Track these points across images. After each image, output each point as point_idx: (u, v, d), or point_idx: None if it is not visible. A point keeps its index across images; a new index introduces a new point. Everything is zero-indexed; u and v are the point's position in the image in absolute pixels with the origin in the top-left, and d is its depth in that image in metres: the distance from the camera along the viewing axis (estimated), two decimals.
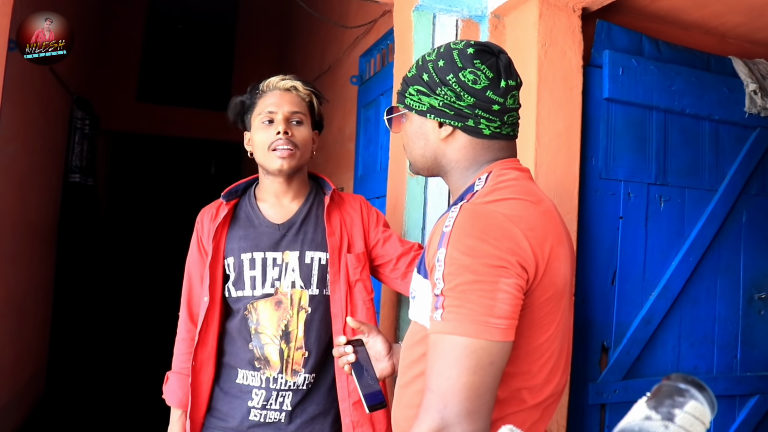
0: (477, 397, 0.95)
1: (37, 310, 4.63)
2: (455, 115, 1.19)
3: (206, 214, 1.89)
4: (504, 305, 0.99)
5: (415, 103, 1.24)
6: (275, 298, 1.78)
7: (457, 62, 1.19)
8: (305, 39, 5.70)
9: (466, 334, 0.97)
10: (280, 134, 1.74)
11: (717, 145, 2.58)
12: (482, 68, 1.17)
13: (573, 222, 2.22)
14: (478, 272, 0.99)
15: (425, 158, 1.27)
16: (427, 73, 1.21)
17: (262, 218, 1.83)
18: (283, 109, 1.78)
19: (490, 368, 0.97)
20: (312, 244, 1.82)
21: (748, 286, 2.62)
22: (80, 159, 5.27)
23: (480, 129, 1.19)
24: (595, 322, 2.33)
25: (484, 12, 2.38)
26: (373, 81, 3.40)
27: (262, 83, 1.85)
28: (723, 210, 2.55)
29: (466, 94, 1.17)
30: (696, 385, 0.57)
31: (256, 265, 1.79)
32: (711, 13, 2.54)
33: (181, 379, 1.84)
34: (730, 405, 2.58)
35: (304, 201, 1.87)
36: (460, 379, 0.95)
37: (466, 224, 1.04)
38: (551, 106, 2.19)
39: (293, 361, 1.77)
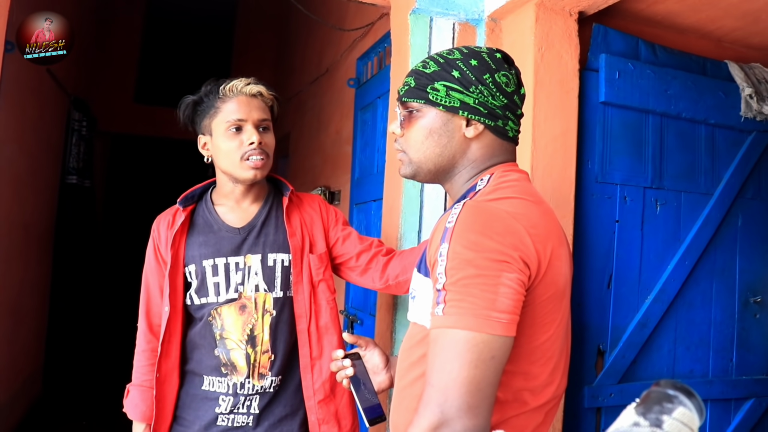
0: (478, 391, 0.95)
1: (34, 312, 4.63)
2: (488, 115, 1.19)
3: (162, 222, 1.85)
4: (506, 299, 0.98)
5: (443, 99, 1.20)
6: (239, 302, 1.77)
7: (490, 64, 1.20)
8: (303, 41, 5.71)
9: (467, 327, 0.96)
10: (254, 144, 1.70)
11: (713, 148, 2.59)
12: (511, 73, 1.21)
13: (569, 225, 2.22)
14: (481, 266, 0.99)
15: (442, 157, 1.23)
16: (458, 70, 1.19)
17: (221, 223, 1.80)
18: (252, 117, 1.73)
19: (492, 363, 0.96)
20: (274, 246, 1.80)
21: (744, 289, 2.63)
22: (77, 160, 5.26)
23: (506, 130, 1.22)
24: (591, 326, 2.33)
25: (480, 15, 2.38)
26: (370, 84, 3.40)
27: (224, 86, 1.75)
28: (719, 214, 2.56)
29: (500, 94, 1.18)
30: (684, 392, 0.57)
31: (218, 271, 1.76)
32: (707, 17, 2.55)
33: (143, 391, 1.82)
34: (725, 408, 2.59)
35: (263, 203, 1.85)
36: (461, 372, 0.94)
37: (469, 220, 1.04)
38: (548, 109, 2.20)
39: (260, 365, 1.76)
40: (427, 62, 1.25)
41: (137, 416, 1.81)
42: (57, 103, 4.82)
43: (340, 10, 4.14)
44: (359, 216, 3.45)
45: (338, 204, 3.95)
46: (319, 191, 4.14)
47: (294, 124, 5.67)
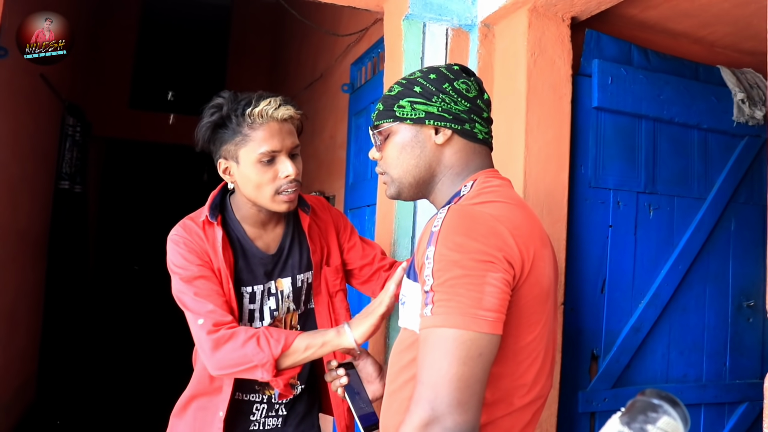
0: (467, 387, 0.97)
1: (28, 318, 4.61)
2: (453, 119, 1.25)
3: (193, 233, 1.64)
4: (492, 298, 1.01)
5: (408, 113, 1.26)
6: (272, 326, 1.74)
7: (448, 74, 1.28)
8: (297, 47, 5.71)
9: (455, 325, 0.99)
10: (290, 177, 1.58)
11: (705, 153, 2.59)
12: (471, 80, 1.29)
13: (562, 230, 2.22)
14: (466, 267, 1.02)
15: (419, 168, 1.28)
16: (419, 85, 1.27)
17: (255, 249, 1.71)
18: (285, 145, 1.58)
19: (480, 360, 0.99)
20: (300, 266, 1.77)
21: (737, 293, 2.63)
22: (70, 166, 5.25)
23: (475, 133, 1.27)
24: (585, 331, 2.33)
25: (474, 21, 2.39)
26: (364, 89, 3.40)
27: (251, 109, 1.57)
28: (712, 218, 2.57)
29: (461, 99, 1.26)
30: (669, 401, 0.58)
31: (255, 299, 1.72)
32: (699, 23, 2.56)
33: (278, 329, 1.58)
34: (719, 412, 2.59)
35: (286, 225, 1.78)
36: (450, 370, 0.97)
37: (454, 223, 1.07)
38: (540, 115, 2.20)
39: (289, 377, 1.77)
40: (392, 87, 1.32)
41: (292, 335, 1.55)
42: (51, 109, 4.81)
43: (334, 15, 4.14)
44: (353, 221, 3.45)
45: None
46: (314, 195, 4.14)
47: None
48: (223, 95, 1.64)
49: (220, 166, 1.67)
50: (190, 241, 1.62)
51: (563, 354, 2.25)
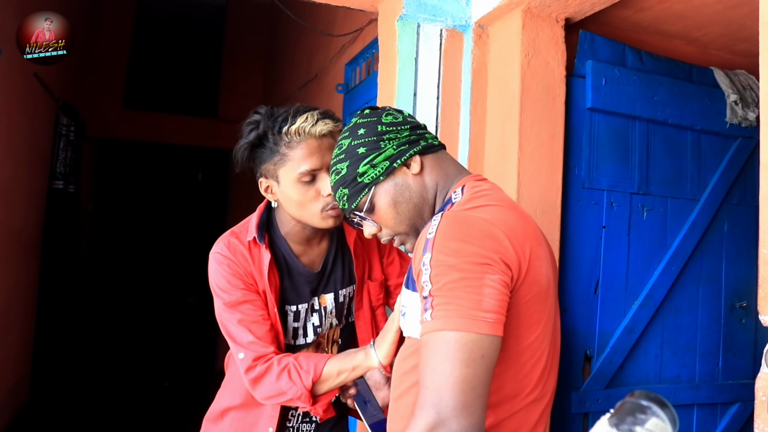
0: (471, 390, 0.96)
1: (21, 319, 4.59)
2: (411, 145, 1.28)
3: (238, 254, 1.60)
4: (491, 299, 1.01)
5: (377, 172, 1.26)
6: (315, 342, 1.73)
7: (369, 121, 1.30)
8: (292, 47, 5.71)
9: (455, 328, 0.99)
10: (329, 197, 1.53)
11: (699, 154, 2.60)
12: (388, 110, 1.33)
13: (556, 231, 2.23)
14: (464, 270, 1.03)
15: (418, 206, 1.28)
16: (359, 147, 1.28)
17: (301, 267, 1.68)
18: (325, 162, 1.52)
19: (482, 361, 0.99)
20: (343, 282, 1.75)
21: (730, 294, 2.64)
22: (64, 165, 5.24)
23: (431, 143, 1.31)
24: (578, 331, 2.34)
25: (468, 22, 2.39)
26: (358, 89, 3.40)
27: (288, 127, 1.51)
28: (705, 219, 2.57)
29: (400, 127, 1.29)
30: (658, 402, 0.58)
31: (300, 317, 1.69)
32: (693, 24, 2.57)
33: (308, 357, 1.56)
34: (711, 413, 2.60)
35: (330, 239, 1.74)
36: (453, 372, 0.96)
37: (448, 229, 1.08)
38: (534, 115, 2.20)
39: None
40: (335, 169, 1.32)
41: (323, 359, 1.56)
42: (45, 108, 4.79)
43: (329, 15, 4.14)
44: None
45: None
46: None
47: None
48: (260, 111, 1.58)
49: (262, 185, 1.62)
50: (235, 263, 1.58)
51: None
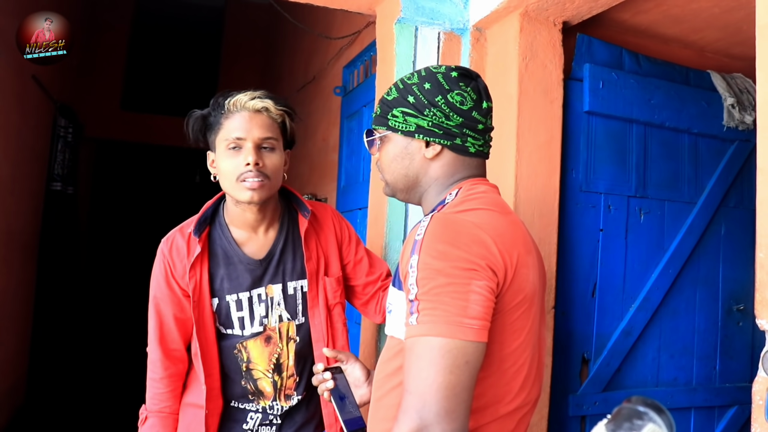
0: (454, 396, 0.97)
1: (18, 320, 4.58)
2: (444, 135, 1.23)
3: (174, 248, 1.69)
4: (477, 306, 1.01)
5: (400, 124, 1.26)
6: (264, 334, 1.72)
7: (443, 84, 1.23)
8: (290, 49, 5.71)
9: (440, 334, 0.99)
10: (249, 165, 1.57)
11: (696, 158, 2.61)
12: (467, 90, 1.24)
13: (553, 234, 2.23)
14: (451, 275, 1.02)
15: (407, 178, 1.29)
16: (413, 95, 1.25)
17: (241, 255, 1.70)
18: (252, 135, 1.58)
19: (466, 368, 0.99)
20: (293, 273, 1.73)
21: (727, 297, 2.64)
22: (62, 167, 5.23)
23: (467, 147, 1.25)
24: (576, 334, 2.34)
25: (465, 25, 2.39)
26: (356, 92, 3.40)
27: (228, 99, 1.62)
28: (702, 222, 2.58)
29: (454, 114, 1.22)
30: (655, 408, 0.58)
31: (243, 305, 1.70)
32: (689, 28, 2.58)
33: (163, 418, 1.71)
34: (709, 416, 2.60)
35: (279, 228, 1.74)
36: (437, 378, 0.97)
37: (437, 231, 1.07)
38: (532, 119, 2.21)
39: (286, 387, 1.75)
40: (390, 89, 1.31)
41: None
42: (42, 110, 4.78)
43: (327, 18, 4.14)
44: None
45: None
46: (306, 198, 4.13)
47: None
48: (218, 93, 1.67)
49: (209, 158, 1.70)
50: (169, 261, 1.68)
51: (554, 357, 2.25)
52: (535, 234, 2.18)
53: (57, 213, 5.18)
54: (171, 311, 1.69)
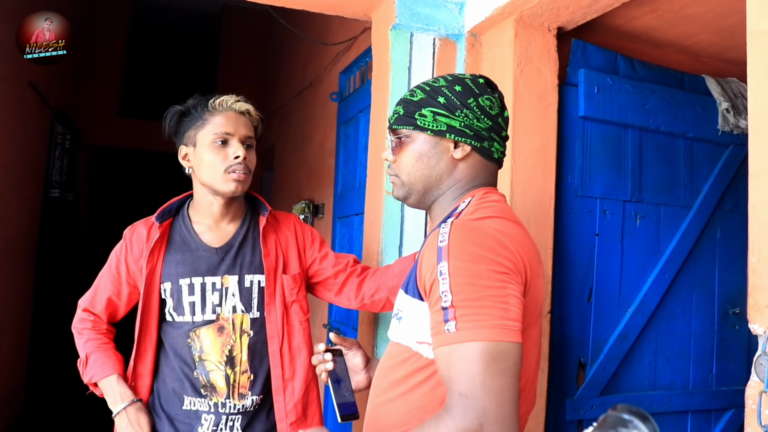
0: (510, 397, 0.98)
1: (16, 328, 4.58)
2: (474, 136, 1.25)
3: (136, 233, 1.85)
4: (515, 309, 1.03)
5: (430, 123, 1.26)
6: (217, 324, 1.77)
7: (473, 89, 1.27)
8: (287, 55, 5.72)
9: (488, 338, 0.99)
10: (239, 158, 1.72)
11: (691, 162, 2.61)
12: (495, 96, 1.28)
13: (549, 239, 2.23)
14: (488, 277, 1.03)
15: (430, 178, 1.28)
16: (444, 96, 1.26)
17: (199, 242, 1.80)
18: (239, 132, 1.75)
19: (516, 369, 1.00)
20: (251, 267, 1.81)
21: (723, 301, 2.65)
22: (60, 174, 5.23)
23: (492, 151, 1.28)
24: (572, 339, 2.34)
25: (461, 31, 2.40)
26: (352, 98, 3.41)
27: (213, 100, 1.77)
28: (698, 226, 2.58)
29: (484, 117, 1.25)
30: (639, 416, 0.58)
31: (195, 290, 1.77)
32: (684, 32, 2.59)
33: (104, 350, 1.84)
34: (706, 419, 2.60)
35: (241, 223, 1.86)
36: (494, 382, 0.97)
37: (462, 237, 1.07)
38: (527, 124, 2.21)
39: (239, 385, 1.77)
40: (414, 91, 1.31)
41: (108, 370, 1.80)
42: (40, 117, 4.79)
43: (323, 23, 4.15)
44: (342, 230, 3.45)
45: (322, 217, 3.95)
46: (303, 204, 4.14)
47: (279, 137, 5.68)
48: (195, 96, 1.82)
49: (181, 152, 1.82)
50: (128, 244, 1.85)
51: (550, 362, 2.26)
52: None
53: (56, 220, 5.18)
54: (108, 291, 1.86)
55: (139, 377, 1.79)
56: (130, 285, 1.84)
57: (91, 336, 1.86)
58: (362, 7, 2.47)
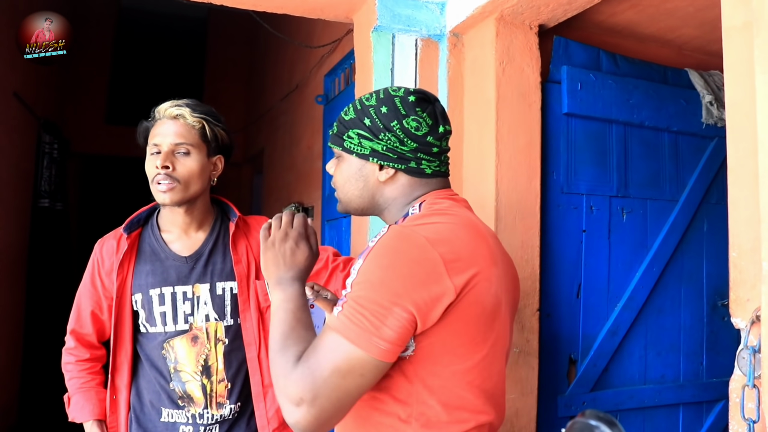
0: (337, 399, 1.02)
1: (8, 340, 4.55)
2: (398, 159, 1.24)
3: (105, 246, 1.82)
4: (390, 330, 1.03)
5: (355, 147, 1.25)
6: (191, 333, 1.75)
7: (400, 109, 1.23)
8: (273, 58, 5.71)
9: (351, 340, 1.03)
10: (158, 169, 1.68)
11: (676, 156, 2.62)
12: (423, 116, 1.24)
13: (536, 237, 2.24)
14: (380, 293, 1.05)
15: (362, 199, 1.29)
16: (369, 118, 1.24)
17: (168, 251, 1.78)
18: (167, 140, 1.69)
19: (360, 379, 1.04)
20: (222, 274, 1.78)
21: (712, 293, 2.66)
22: (49, 183, 5.20)
23: (422, 169, 1.25)
24: (562, 336, 2.35)
25: (443, 31, 2.40)
26: (337, 100, 3.41)
27: (156, 108, 1.75)
28: (684, 220, 2.59)
29: (408, 139, 1.23)
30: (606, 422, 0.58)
31: (165, 300, 1.74)
32: (666, 26, 2.59)
33: (86, 391, 1.81)
34: (697, 411, 2.61)
35: (210, 231, 1.82)
36: (332, 377, 1.02)
37: (387, 244, 1.10)
38: (510, 122, 2.22)
39: (217, 394, 1.75)
40: (348, 108, 1.31)
41: (86, 415, 1.78)
42: (26, 127, 4.76)
43: (308, 26, 4.15)
44: (331, 232, 3.44)
45: (311, 220, 3.95)
46: (292, 207, 4.14)
47: (267, 141, 5.67)
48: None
49: None
50: (99, 258, 1.82)
51: (541, 359, 2.26)
52: (518, 237, 2.19)
53: (46, 230, 5.15)
54: (90, 306, 1.82)
55: (118, 391, 1.77)
56: (108, 298, 1.79)
57: (74, 374, 1.83)
58: (344, 9, 2.47)
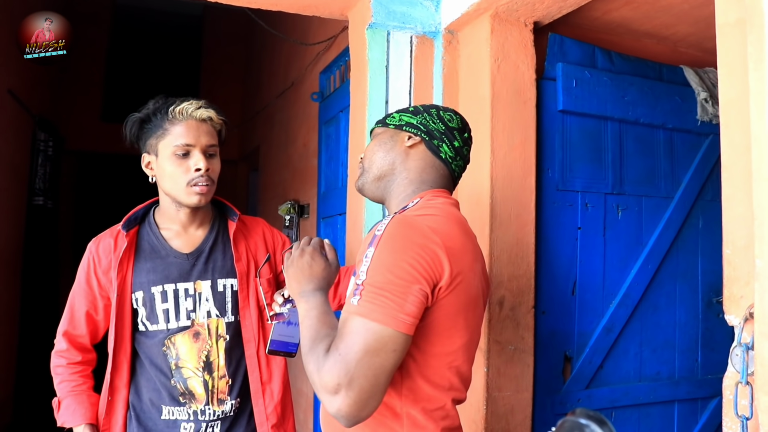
0: (374, 377, 1.09)
1: (3, 338, 4.54)
2: (426, 132, 1.43)
3: (102, 245, 1.79)
4: (412, 306, 1.14)
5: (393, 121, 1.47)
6: (192, 330, 1.76)
7: (440, 107, 1.48)
8: (269, 55, 5.70)
9: (378, 320, 1.11)
10: (201, 171, 1.67)
11: (671, 153, 2.62)
12: (457, 117, 1.48)
13: (531, 234, 2.23)
14: (397, 275, 1.15)
15: (384, 161, 1.44)
16: (414, 106, 1.49)
17: (169, 248, 1.78)
18: (200, 142, 1.69)
19: (393, 355, 1.12)
20: (222, 271, 1.79)
21: (707, 290, 2.66)
22: (44, 181, 5.19)
23: (440, 150, 1.42)
24: (557, 333, 2.35)
25: (438, 28, 2.40)
26: (333, 97, 3.40)
27: (173, 107, 1.71)
28: (680, 216, 2.60)
29: (440, 122, 1.44)
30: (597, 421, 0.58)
31: (168, 297, 1.75)
32: (661, 23, 2.59)
33: (77, 395, 1.77)
34: (692, 408, 2.62)
35: (210, 228, 1.84)
36: (365, 358, 1.09)
37: (395, 231, 1.20)
38: (505, 120, 2.21)
39: (218, 390, 1.76)
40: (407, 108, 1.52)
41: (78, 419, 1.75)
42: (21, 124, 4.75)
43: (303, 23, 4.14)
44: (326, 230, 3.44)
45: (307, 218, 3.94)
46: (288, 205, 4.13)
47: (263, 138, 5.66)
48: (156, 98, 1.77)
49: (144, 160, 1.78)
50: (94, 257, 1.79)
51: (536, 357, 2.26)
52: (513, 234, 2.19)
53: (39, 228, 5.14)
54: (84, 306, 1.79)
55: (116, 391, 1.76)
56: (104, 297, 1.79)
57: (65, 377, 1.80)
58: (338, 6, 2.46)
